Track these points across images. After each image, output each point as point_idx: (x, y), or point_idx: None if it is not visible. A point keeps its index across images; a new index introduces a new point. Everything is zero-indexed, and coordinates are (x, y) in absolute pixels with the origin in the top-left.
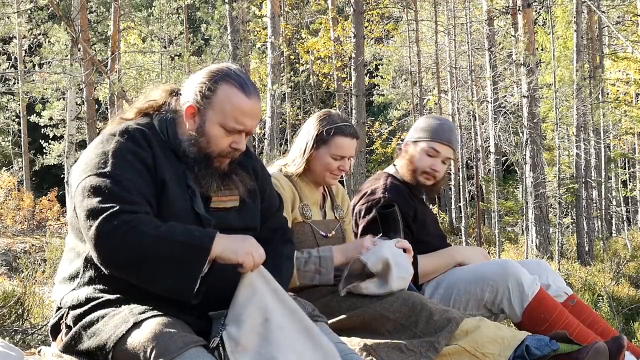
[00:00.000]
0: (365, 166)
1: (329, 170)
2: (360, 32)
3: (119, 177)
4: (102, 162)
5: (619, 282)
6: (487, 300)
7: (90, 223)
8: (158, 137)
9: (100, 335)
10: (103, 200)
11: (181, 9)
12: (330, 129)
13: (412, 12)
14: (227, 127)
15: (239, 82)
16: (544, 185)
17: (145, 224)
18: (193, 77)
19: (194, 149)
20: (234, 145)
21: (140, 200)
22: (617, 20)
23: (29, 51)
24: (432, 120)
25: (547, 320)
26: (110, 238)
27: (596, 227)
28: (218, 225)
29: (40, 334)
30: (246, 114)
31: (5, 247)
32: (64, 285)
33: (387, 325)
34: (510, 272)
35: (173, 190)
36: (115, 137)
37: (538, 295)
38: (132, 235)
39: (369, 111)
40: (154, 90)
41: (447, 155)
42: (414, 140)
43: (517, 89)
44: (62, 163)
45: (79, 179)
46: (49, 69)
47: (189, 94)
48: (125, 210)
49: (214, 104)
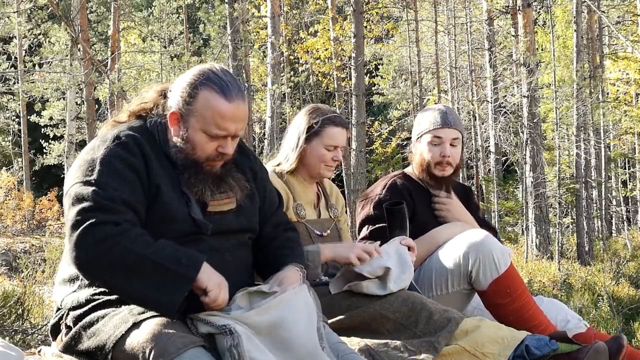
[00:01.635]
0: (365, 166)
1: (324, 161)
2: (360, 31)
3: (104, 185)
4: (89, 169)
5: (619, 282)
6: (463, 272)
7: (71, 232)
8: (152, 141)
9: (100, 335)
10: (85, 209)
11: (181, 9)
12: (321, 120)
13: (412, 12)
14: (209, 133)
15: (219, 85)
16: (544, 185)
17: (132, 241)
18: (179, 79)
19: (181, 156)
20: (220, 149)
21: (124, 209)
22: (617, 20)
23: (29, 51)
24: (426, 112)
25: (510, 295)
26: (89, 249)
27: (596, 227)
28: (216, 228)
29: (40, 334)
30: (227, 118)
31: (5, 247)
32: (64, 286)
33: (387, 325)
34: (483, 244)
35: (168, 195)
36: (105, 143)
37: (508, 270)
38: (117, 251)
39: (369, 111)
40: (147, 91)
41: (452, 137)
42: (417, 138)
43: (517, 89)
44: (62, 163)
45: (67, 185)
46: (49, 68)
47: (174, 99)
48: (107, 221)
49: (194, 110)
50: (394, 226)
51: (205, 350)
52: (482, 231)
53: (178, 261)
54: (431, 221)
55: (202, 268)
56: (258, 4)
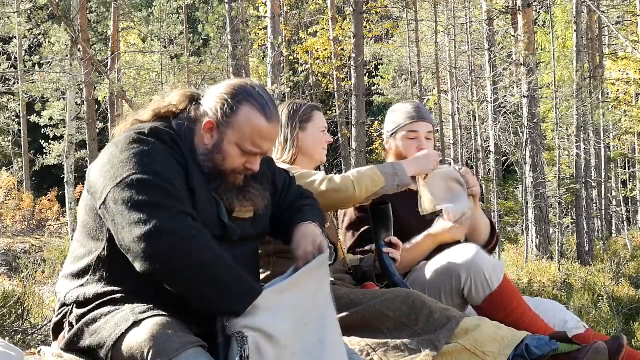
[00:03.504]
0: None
1: (321, 144)
2: (360, 31)
3: (168, 175)
4: (141, 161)
5: (619, 282)
6: (455, 289)
7: (148, 217)
8: (180, 142)
9: (101, 333)
10: (158, 197)
11: (181, 9)
12: (306, 107)
13: (412, 12)
14: (244, 149)
15: (261, 104)
16: (544, 185)
17: (211, 239)
18: (214, 88)
19: (210, 164)
20: (247, 165)
21: (189, 202)
22: (617, 20)
23: (29, 51)
24: (397, 107)
25: (505, 309)
26: (175, 234)
27: (596, 227)
28: (240, 234)
29: (40, 334)
30: (265, 137)
31: (5, 247)
32: (70, 281)
33: (387, 323)
34: (474, 262)
35: (202, 198)
36: (145, 137)
37: (501, 285)
38: (197, 244)
39: (369, 111)
40: (172, 93)
41: (427, 130)
42: (391, 134)
43: (517, 89)
44: (62, 163)
45: (114, 180)
46: (49, 68)
47: (210, 107)
48: (186, 212)
49: (233, 124)
50: (379, 226)
51: (205, 351)
52: (472, 247)
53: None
54: (411, 217)
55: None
56: (257, 5)
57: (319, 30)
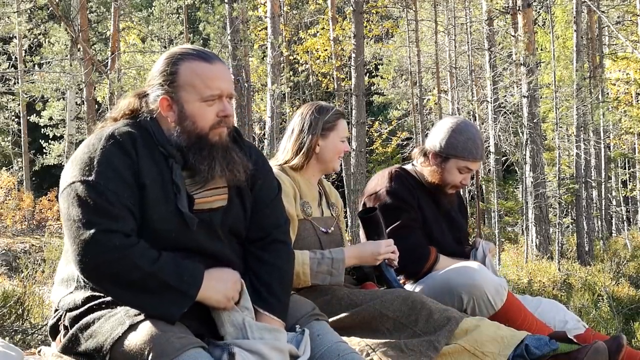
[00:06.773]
0: (365, 166)
1: (339, 153)
2: (360, 31)
3: (103, 188)
4: (88, 169)
5: (619, 282)
6: (457, 308)
7: (77, 234)
8: (146, 135)
9: (97, 337)
10: (90, 212)
11: (181, 9)
12: (333, 114)
13: (412, 12)
14: (204, 98)
15: (194, 54)
16: (544, 185)
17: (139, 256)
18: (151, 73)
19: (185, 136)
20: (220, 113)
21: (127, 215)
22: (617, 20)
23: (29, 51)
24: (462, 137)
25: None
26: (96, 257)
27: (596, 227)
28: (202, 226)
29: (40, 334)
30: (216, 77)
31: (5, 247)
32: (61, 287)
33: (387, 324)
34: (475, 285)
35: (154, 194)
36: (101, 141)
37: (505, 304)
38: (124, 264)
39: (368, 111)
40: (123, 100)
41: (477, 169)
42: (444, 156)
43: (517, 89)
44: (62, 163)
45: (65, 181)
46: (49, 68)
47: (156, 88)
48: (117, 231)
49: (182, 84)
50: (371, 233)
51: (205, 351)
52: (473, 266)
53: (180, 278)
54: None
55: (202, 284)
56: (257, 5)
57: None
